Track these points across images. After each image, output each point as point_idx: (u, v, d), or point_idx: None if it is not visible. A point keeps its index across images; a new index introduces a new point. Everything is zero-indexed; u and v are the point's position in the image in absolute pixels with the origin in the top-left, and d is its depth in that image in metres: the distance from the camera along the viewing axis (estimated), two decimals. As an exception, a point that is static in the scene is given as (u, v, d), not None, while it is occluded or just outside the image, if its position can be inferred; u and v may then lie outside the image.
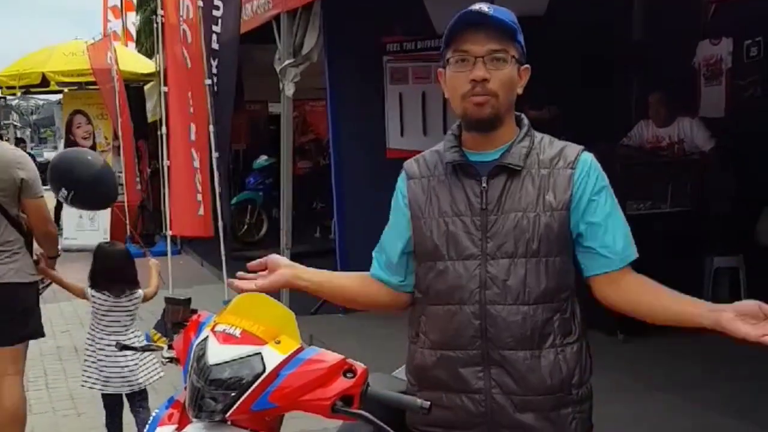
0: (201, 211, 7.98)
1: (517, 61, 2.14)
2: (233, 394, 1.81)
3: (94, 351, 4.49)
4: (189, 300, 2.08)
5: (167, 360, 2.12)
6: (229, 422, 1.84)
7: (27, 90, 14.26)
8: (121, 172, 12.27)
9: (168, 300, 2.08)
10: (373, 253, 2.37)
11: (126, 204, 11.94)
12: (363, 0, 7.07)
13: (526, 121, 2.24)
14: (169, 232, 8.07)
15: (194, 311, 2.09)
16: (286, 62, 7.16)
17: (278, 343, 1.87)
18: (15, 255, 4.35)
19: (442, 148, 2.27)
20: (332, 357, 1.86)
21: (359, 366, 1.86)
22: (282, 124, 7.68)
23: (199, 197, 7.99)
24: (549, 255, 2.13)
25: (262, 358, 1.83)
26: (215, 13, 7.84)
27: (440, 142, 2.31)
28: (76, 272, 6.04)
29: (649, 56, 8.00)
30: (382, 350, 2.42)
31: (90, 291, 4.51)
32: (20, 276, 4.35)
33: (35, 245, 4.53)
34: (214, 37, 7.86)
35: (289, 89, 7.27)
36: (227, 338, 1.87)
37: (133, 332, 4.51)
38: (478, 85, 2.09)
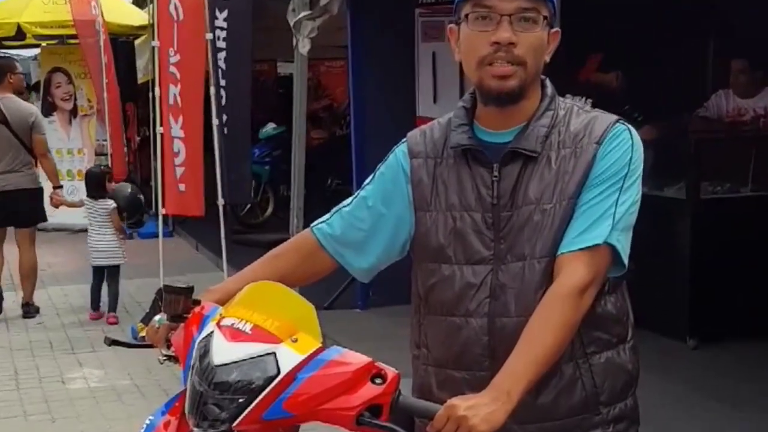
0: (182, 187, 7.93)
1: (548, 23, 2.07)
2: (241, 400, 1.81)
3: (90, 239, 7.89)
4: (191, 288, 2.07)
5: (164, 358, 2.11)
6: (235, 433, 1.84)
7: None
8: (105, 141, 12.33)
9: (166, 288, 2.06)
10: (336, 215, 2.34)
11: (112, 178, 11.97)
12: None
13: (549, 90, 2.16)
14: (162, 211, 8.06)
15: (197, 302, 2.08)
16: (302, 14, 7.12)
17: (295, 341, 1.86)
18: (30, 170, 8.12)
19: (452, 122, 2.20)
20: (359, 359, 1.85)
21: (390, 371, 1.84)
22: (295, 87, 7.66)
23: (179, 171, 7.93)
24: None
25: (276, 359, 1.83)
26: (222, -44, 7.81)
27: (451, 112, 2.23)
28: (55, 252, 6.11)
29: (730, 17, 7.89)
30: (406, 352, 2.38)
31: (83, 199, 8.11)
32: (34, 183, 8.19)
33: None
34: (221, -17, 7.83)
35: (303, 46, 7.25)
36: (236, 334, 1.87)
37: (109, 230, 7.86)
38: (502, 50, 2.02)
